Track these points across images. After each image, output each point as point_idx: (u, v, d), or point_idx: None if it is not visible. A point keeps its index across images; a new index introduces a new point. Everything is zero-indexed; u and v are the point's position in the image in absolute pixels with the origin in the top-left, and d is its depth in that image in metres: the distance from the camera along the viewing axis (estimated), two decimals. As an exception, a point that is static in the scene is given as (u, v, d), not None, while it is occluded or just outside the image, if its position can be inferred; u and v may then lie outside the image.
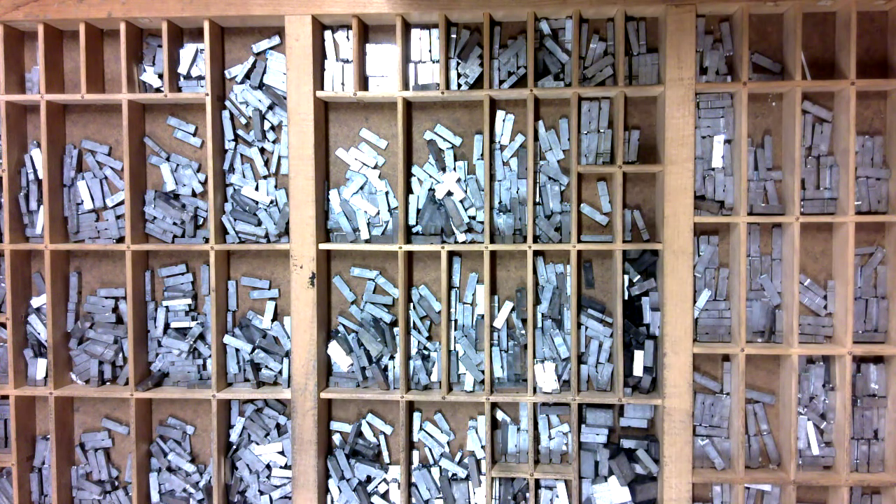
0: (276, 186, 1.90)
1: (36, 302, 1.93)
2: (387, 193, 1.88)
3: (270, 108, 1.88)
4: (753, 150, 1.81)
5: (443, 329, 1.81)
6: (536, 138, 1.83)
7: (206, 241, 1.87)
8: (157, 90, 1.89)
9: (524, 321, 1.85)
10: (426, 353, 1.89)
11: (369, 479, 1.89)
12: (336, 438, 1.92)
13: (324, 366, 1.87)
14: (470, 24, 1.84)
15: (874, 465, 1.80)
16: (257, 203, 1.89)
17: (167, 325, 1.92)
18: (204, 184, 1.91)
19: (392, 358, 1.88)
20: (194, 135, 1.92)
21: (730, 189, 1.80)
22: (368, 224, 1.88)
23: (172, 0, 1.78)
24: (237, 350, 1.91)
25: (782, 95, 1.81)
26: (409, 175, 1.87)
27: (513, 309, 1.86)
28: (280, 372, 1.90)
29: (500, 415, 1.89)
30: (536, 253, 1.84)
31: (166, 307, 1.91)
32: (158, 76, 1.89)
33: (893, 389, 1.77)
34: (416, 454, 1.91)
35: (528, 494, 1.84)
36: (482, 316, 1.85)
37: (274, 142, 1.90)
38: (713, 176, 1.81)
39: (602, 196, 1.85)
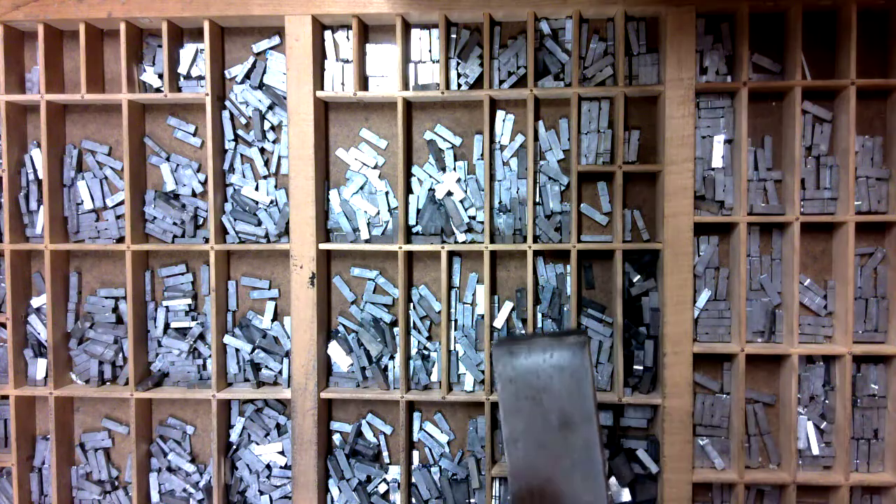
0: (276, 186, 1.90)
1: (36, 302, 1.92)
2: (387, 193, 1.88)
3: (270, 108, 1.88)
4: (753, 150, 1.81)
5: (443, 329, 1.81)
6: (536, 138, 1.83)
7: (206, 241, 1.87)
8: (157, 90, 1.89)
9: (524, 321, 1.85)
10: (426, 353, 1.89)
11: (369, 479, 1.89)
12: (336, 438, 1.92)
13: (324, 366, 1.87)
14: (470, 24, 1.84)
15: (874, 465, 1.80)
16: (257, 203, 1.89)
17: (167, 325, 1.92)
18: (204, 184, 1.90)
19: (392, 358, 1.88)
20: (194, 135, 1.92)
21: (730, 189, 1.80)
22: (368, 224, 1.88)
23: (172, 0, 1.78)
24: (237, 350, 1.91)
25: (782, 95, 1.81)
26: (409, 175, 1.87)
27: (513, 309, 1.86)
28: (280, 372, 1.90)
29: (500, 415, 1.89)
30: (536, 253, 1.84)
31: (166, 307, 1.91)
32: (158, 76, 1.89)
33: (893, 389, 1.77)
34: (416, 454, 1.91)
35: (528, 494, 1.84)
36: (482, 316, 1.85)
37: (274, 142, 1.90)
38: (713, 176, 1.81)
39: (602, 196, 1.85)
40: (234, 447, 1.92)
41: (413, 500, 1.89)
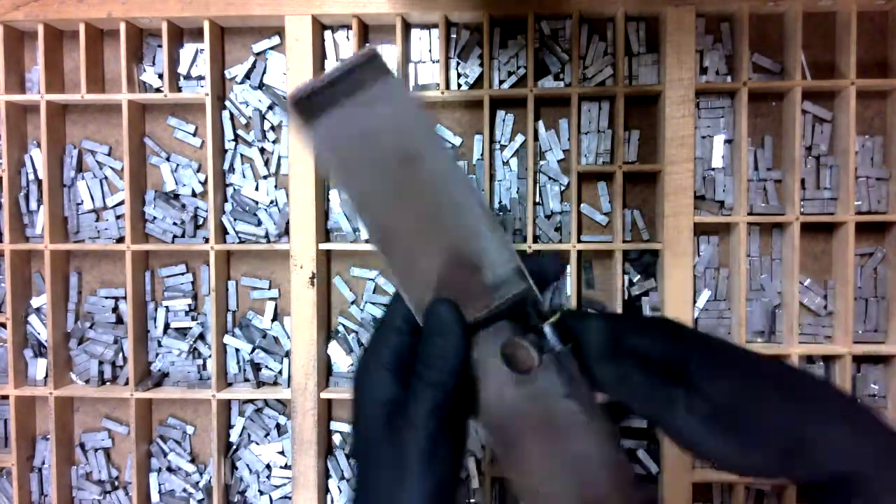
0: (276, 186, 1.90)
1: (36, 302, 1.92)
2: (387, 193, 1.87)
3: (270, 108, 1.88)
4: (753, 150, 1.81)
5: (443, 329, 1.80)
6: (536, 138, 1.83)
7: (206, 241, 1.87)
8: (157, 90, 1.89)
9: (524, 321, 1.84)
10: (426, 353, 1.88)
11: (369, 479, 1.89)
12: (336, 438, 1.92)
13: (324, 366, 1.86)
14: (470, 24, 1.84)
15: (874, 465, 1.79)
16: (257, 203, 1.89)
17: (167, 325, 1.92)
18: (204, 184, 1.90)
19: (392, 358, 1.88)
20: (194, 135, 1.92)
21: (730, 189, 1.80)
22: (368, 224, 1.87)
23: (172, 0, 1.78)
24: (237, 350, 1.91)
25: (782, 95, 1.81)
26: (409, 175, 1.86)
27: (513, 309, 1.86)
28: (280, 372, 1.90)
29: (500, 415, 1.88)
30: (536, 253, 1.84)
31: (166, 307, 1.91)
32: (158, 76, 1.89)
33: (893, 389, 1.77)
34: (416, 454, 1.90)
35: (528, 494, 1.84)
36: (482, 316, 1.84)
37: (274, 142, 1.89)
38: (713, 176, 1.81)
39: (602, 196, 1.85)
40: (234, 447, 1.92)
41: (413, 500, 1.88)
